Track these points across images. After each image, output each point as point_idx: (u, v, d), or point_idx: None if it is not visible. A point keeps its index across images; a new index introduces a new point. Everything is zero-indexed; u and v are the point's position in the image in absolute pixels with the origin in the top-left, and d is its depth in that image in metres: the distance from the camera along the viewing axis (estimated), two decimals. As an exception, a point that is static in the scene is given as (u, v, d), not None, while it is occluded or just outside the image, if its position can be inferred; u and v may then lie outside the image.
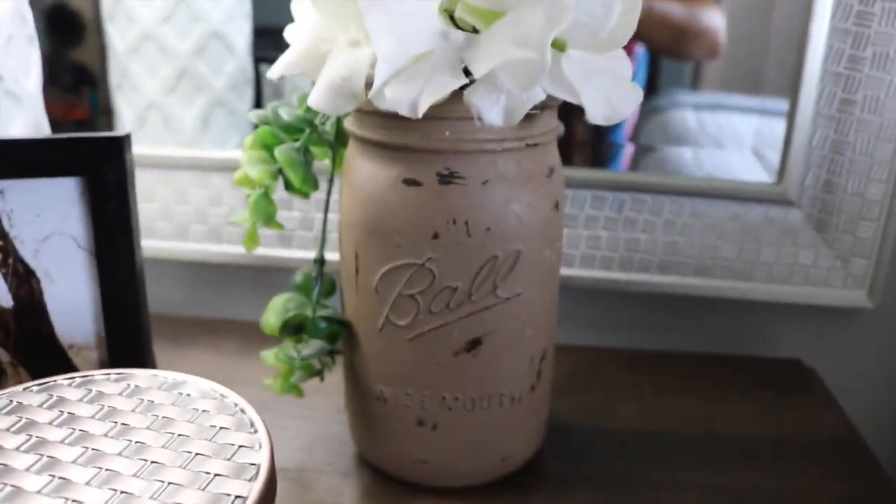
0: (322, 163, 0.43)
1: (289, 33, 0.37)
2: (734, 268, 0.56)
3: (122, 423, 0.27)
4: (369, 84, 0.32)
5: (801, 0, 0.51)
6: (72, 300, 0.40)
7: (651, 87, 0.56)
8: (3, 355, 0.40)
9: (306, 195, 0.41)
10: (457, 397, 0.38)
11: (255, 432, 0.26)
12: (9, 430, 0.26)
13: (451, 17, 0.32)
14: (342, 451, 0.45)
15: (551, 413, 0.45)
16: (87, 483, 0.24)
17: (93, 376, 0.30)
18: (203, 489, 0.24)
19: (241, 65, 0.59)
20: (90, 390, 0.29)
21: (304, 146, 0.41)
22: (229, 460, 0.25)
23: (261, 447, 0.26)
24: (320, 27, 0.35)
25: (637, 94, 0.34)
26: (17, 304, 0.39)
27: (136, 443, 0.26)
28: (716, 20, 0.54)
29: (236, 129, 0.60)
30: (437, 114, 0.32)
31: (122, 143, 0.38)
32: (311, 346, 0.41)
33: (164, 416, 0.27)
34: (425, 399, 0.39)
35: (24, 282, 0.39)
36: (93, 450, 0.25)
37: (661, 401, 0.51)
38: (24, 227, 0.39)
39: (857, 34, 0.50)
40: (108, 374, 0.30)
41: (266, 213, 0.41)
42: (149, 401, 0.28)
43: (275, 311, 0.42)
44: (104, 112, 0.61)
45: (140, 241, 0.40)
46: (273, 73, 0.36)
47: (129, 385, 0.29)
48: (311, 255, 0.55)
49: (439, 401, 0.38)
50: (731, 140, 0.56)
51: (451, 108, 0.33)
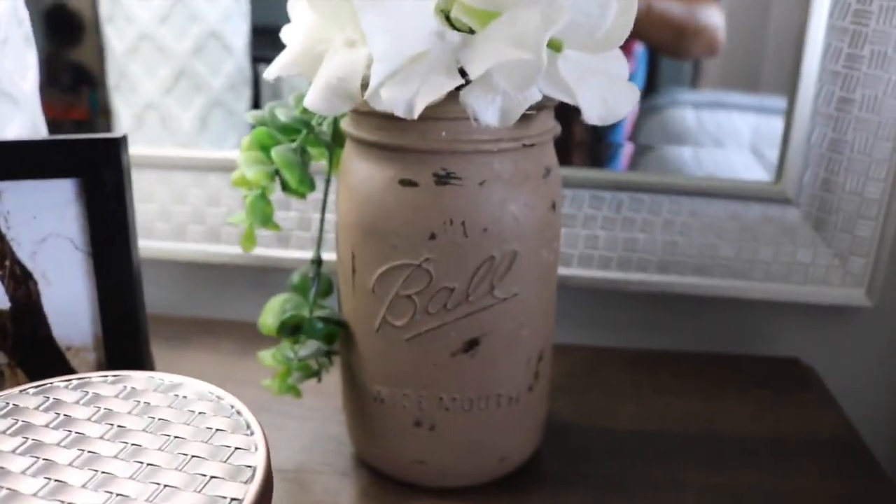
0: (319, 163, 0.43)
1: (285, 34, 0.37)
2: (733, 267, 0.56)
3: (119, 426, 0.27)
4: (365, 85, 0.32)
5: (799, -2, 0.51)
6: (69, 302, 0.40)
7: (650, 86, 0.56)
8: (0, 358, 0.40)
9: (303, 196, 0.41)
10: (454, 398, 0.38)
11: (252, 434, 0.26)
12: (5, 432, 0.26)
13: (447, 18, 0.32)
14: (340, 451, 0.45)
15: (549, 413, 0.45)
16: (83, 486, 0.24)
17: (89, 378, 0.30)
18: (199, 491, 0.24)
19: (238, 65, 0.59)
20: (86, 392, 0.29)
21: (300, 147, 0.41)
22: (225, 462, 0.25)
23: (257, 449, 0.26)
24: (316, 28, 0.35)
25: (633, 95, 0.34)
26: (14, 306, 0.39)
27: (133, 445, 0.26)
28: (715, 18, 0.54)
29: (234, 129, 0.60)
30: (434, 114, 0.32)
31: (118, 145, 0.38)
32: (309, 346, 0.41)
33: (160, 419, 0.27)
34: (423, 399, 0.39)
35: (22, 283, 0.39)
36: (89, 452, 0.25)
37: (659, 400, 0.51)
38: (21, 229, 0.39)
39: (855, 32, 0.50)
40: (105, 376, 0.30)
41: (263, 213, 0.41)
42: (145, 403, 0.28)
43: (272, 312, 0.42)
44: (103, 112, 0.61)
45: (137, 242, 0.40)
46: (269, 73, 0.36)
47: (125, 387, 0.29)
48: (309, 255, 0.55)
49: (437, 401, 0.38)
50: (731, 138, 0.56)
51: (448, 108, 0.33)
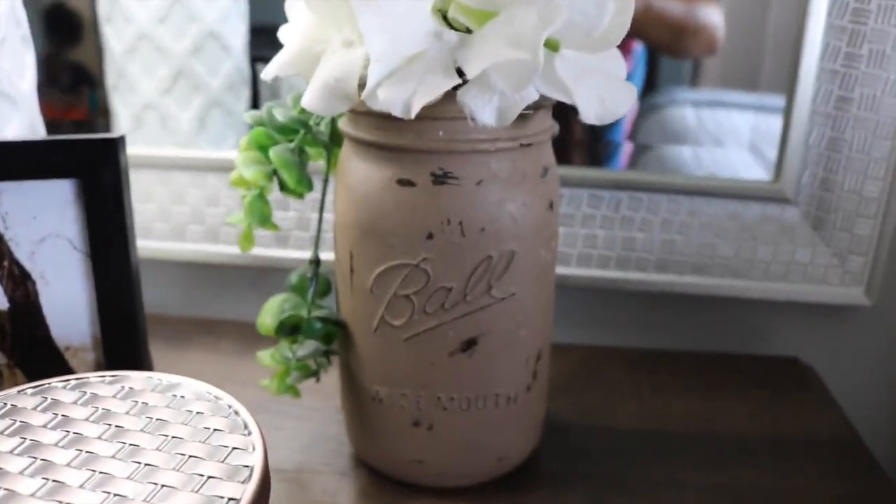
0: (317, 163, 0.43)
1: (283, 34, 0.37)
2: (731, 266, 0.56)
3: (116, 426, 0.27)
4: (363, 85, 0.32)
5: (797, -3, 0.51)
6: (68, 302, 0.40)
7: (650, 85, 0.56)
8: (-1, 357, 0.40)
9: (301, 196, 0.41)
10: (452, 397, 0.38)
11: (249, 434, 0.26)
12: (3, 433, 0.26)
13: (445, 18, 0.32)
14: (339, 451, 0.45)
15: (548, 412, 0.45)
16: (81, 486, 0.24)
17: (87, 378, 0.30)
18: (196, 491, 0.24)
19: (237, 65, 0.59)
20: (84, 392, 0.29)
21: (298, 147, 0.41)
22: (223, 462, 0.25)
23: (254, 449, 0.26)
24: (314, 28, 0.35)
25: (631, 94, 0.34)
26: (12, 307, 0.39)
27: (130, 445, 0.26)
28: (714, 17, 0.54)
29: (233, 129, 0.60)
30: (431, 114, 0.32)
31: (116, 145, 0.38)
32: (307, 346, 0.41)
33: (158, 419, 0.27)
34: (421, 399, 0.39)
35: (20, 284, 0.39)
36: (87, 452, 0.25)
37: (658, 399, 0.51)
38: (20, 230, 0.39)
39: (854, 31, 0.50)
40: (103, 376, 0.30)
41: (261, 213, 0.41)
42: (143, 403, 0.28)
43: (270, 312, 0.42)
44: (102, 112, 0.61)
45: (136, 242, 0.40)
46: (267, 73, 0.36)
47: (123, 387, 0.29)
48: (307, 255, 0.55)
49: (435, 401, 0.38)
50: (730, 137, 0.56)
51: (445, 108, 0.33)
